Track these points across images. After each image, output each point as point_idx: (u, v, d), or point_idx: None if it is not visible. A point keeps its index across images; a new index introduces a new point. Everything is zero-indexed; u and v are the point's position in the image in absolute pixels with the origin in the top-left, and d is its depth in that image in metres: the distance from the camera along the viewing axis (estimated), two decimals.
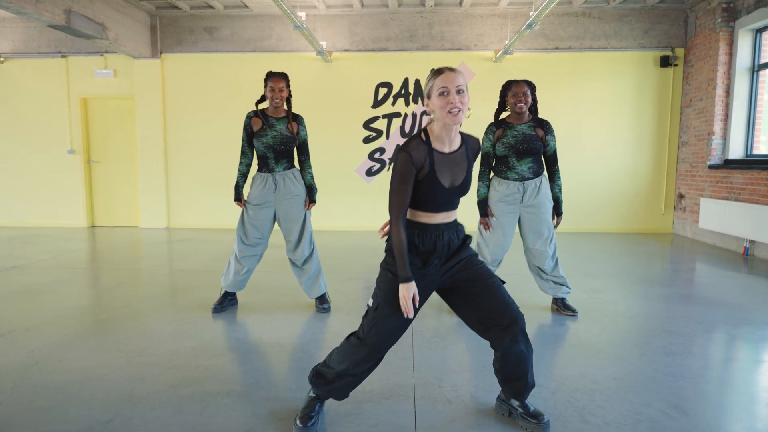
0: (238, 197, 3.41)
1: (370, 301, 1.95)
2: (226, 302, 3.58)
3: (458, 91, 1.78)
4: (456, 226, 1.99)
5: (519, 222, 3.41)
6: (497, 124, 3.34)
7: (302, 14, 5.51)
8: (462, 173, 1.91)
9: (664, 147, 7.27)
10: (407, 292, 1.82)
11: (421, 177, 1.86)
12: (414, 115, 7.40)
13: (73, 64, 7.68)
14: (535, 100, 3.34)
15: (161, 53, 7.50)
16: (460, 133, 1.94)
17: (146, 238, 6.81)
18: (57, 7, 5.51)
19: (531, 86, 3.30)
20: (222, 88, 7.43)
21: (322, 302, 3.55)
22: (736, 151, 6.27)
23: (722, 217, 5.95)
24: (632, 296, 3.93)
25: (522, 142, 3.23)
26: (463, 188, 1.93)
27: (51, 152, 7.80)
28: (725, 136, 6.36)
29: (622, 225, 7.39)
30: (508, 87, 3.32)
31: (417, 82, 7.31)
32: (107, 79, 7.67)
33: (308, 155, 3.43)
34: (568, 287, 3.49)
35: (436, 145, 1.88)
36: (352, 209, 7.61)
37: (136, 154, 7.70)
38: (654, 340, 2.97)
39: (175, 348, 2.84)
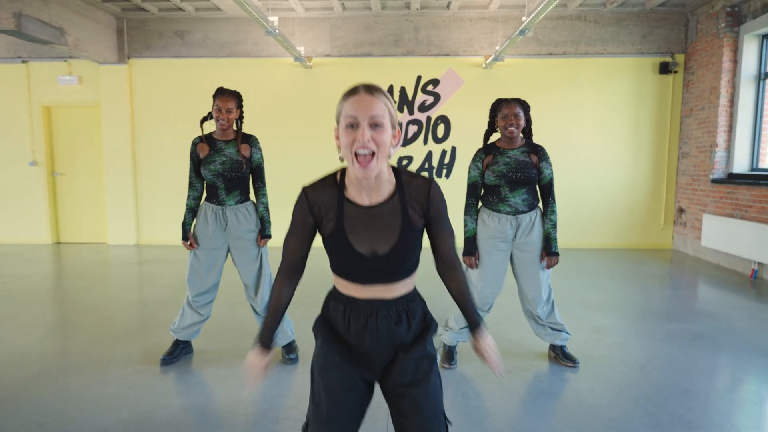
0: (186, 236, 2.95)
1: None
2: (178, 351, 3.12)
3: (373, 125, 1.24)
4: (405, 304, 1.39)
5: (511, 261, 2.99)
6: (486, 150, 2.91)
7: (274, 19, 5.05)
8: (391, 236, 1.32)
9: (663, 158, 6.89)
10: (254, 359, 1.39)
11: (326, 232, 1.35)
12: (399, 125, 6.96)
13: (35, 70, 7.16)
14: (528, 121, 2.92)
15: (129, 58, 7.00)
16: (398, 172, 1.37)
17: (112, 258, 6.32)
18: (5, 10, 5.00)
19: (524, 106, 2.87)
20: (194, 96, 6.93)
21: (289, 352, 3.10)
22: (740, 165, 5.90)
23: (727, 235, 5.56)
24: (638, 337, 3.52)
25: (515, 170, 2.81)
26: (397, 258, 1.33)
27: (11, 164, 7.27)
28: (729, 149, 5.99)
29: (618, 240, 7.00)
30: (497, 107, 2.90)
31: (402, 90, 6.88)
32: (71, 86, 7.15)
33: (263, 182, 2.99)
34: (568, 333, 3.07)
35: (350, 192, 1.34)
36: None
37: (103, 165, 7.20)
38: (668, 403, 2.56)
39: (104, 424, 2.38)
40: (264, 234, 2.99)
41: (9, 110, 7.20)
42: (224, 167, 2.84)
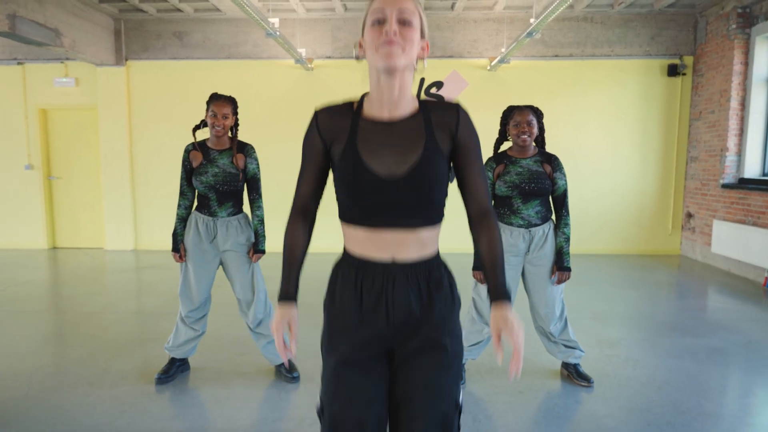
0: (177, 248, 2.81)
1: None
2: (174, 369, 2.99)
3: (402, 21, 1.12)
4: (427, 270, 1.20)
5: (522, 275, 2.85)
6: (497, 158, 2.78)
7: (275, 20, 4.92)
8: (412, 154, 1.15)
9: (671, 162, 6.75)
10: (280, 317, 1.22)
11: (336, 155, 1.19)
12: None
13: (31, 72, 7.02)
14: (542, 129, 2.79)
15: (126, 60, 6.87)
16: (421, 100, 1.21)
17: (109, 264, 6.19)
18: None
19: (537, 113, 2.75)
20: (193, 98, 6.78)
21: (289, 371, 2.97)
22: (752, 170, 5.76)
23: (738, 242, 5.43)
24: (653, 353, 3.38)
25: (528, 181, 2.68)
26: (418, 183, 1.14)
27: (7, 168, 7.14)
28: (740, 153, 5.85)
29: (625, 246, 6.86)
30: (509, 114, 2.76)
31: None
32: (68, 89, 7.02)
33: (259, 194, 2.86)
34: (581, 350, 2.93)
35: (367, 109, 1.20)
36: (336, 230, 7.03)
37: (100, 169, 7.06)
38: (690, 428, 2.42)
39: None
40: (257, 249, 2.85)
41: (4, 113, 7.07)
42: (216, 180, 2.70)
